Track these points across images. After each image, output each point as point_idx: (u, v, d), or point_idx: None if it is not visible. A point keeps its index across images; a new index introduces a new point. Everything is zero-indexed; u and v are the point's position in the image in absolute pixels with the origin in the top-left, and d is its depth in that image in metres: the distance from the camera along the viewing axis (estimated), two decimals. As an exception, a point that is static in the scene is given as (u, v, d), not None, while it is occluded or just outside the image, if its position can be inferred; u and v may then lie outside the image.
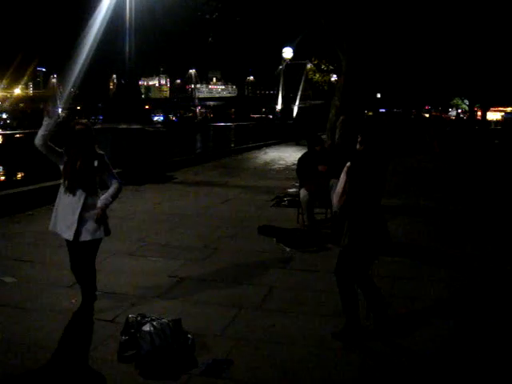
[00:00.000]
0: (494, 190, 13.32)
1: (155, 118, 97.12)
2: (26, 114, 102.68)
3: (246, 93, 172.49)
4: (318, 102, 58.67)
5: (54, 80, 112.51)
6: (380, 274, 6.54)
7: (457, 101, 66.01)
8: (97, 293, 5.35)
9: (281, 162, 20.28)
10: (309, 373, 4.16)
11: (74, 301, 5.47)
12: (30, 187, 11.00)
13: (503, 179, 15.46)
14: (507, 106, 61.08)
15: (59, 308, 5.31)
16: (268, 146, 29.14)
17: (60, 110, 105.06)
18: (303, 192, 8.64)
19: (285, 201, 11.08)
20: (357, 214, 4.74)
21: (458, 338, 4.76)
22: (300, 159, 9.12)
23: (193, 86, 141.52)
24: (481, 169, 17.97)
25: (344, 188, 4.84)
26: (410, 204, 11.41)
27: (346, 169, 4.86)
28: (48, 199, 10.66)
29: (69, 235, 5.02)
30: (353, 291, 4.78)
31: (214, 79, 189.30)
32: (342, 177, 4.89)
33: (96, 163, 5.02)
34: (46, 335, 4.70)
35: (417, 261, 7.17)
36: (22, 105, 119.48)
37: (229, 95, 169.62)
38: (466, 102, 57.05)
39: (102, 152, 5.15)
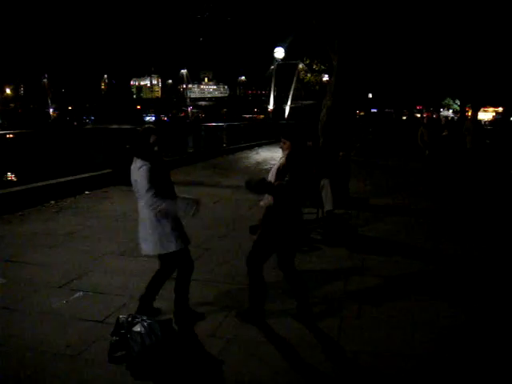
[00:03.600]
0: (484, 190, 13.41)
1: (147, 119, 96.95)
2: (17, 113, 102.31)
3: (237, 93, 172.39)
4: (309, 102, 58.77)
5: (44, 80, 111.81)
6: (381, 273, 6.60)
7: (448, 101, 66.19)
8: (88, 293, 5.30)
9: (272, 162, 20.20)
10: (300, 373, 4.16)
11: (64, 301, 5.46)
12: (21, 188, 10.92)
13: (497, 178, 15.56)
14: (498, 106, 61.33)
15: (49, 309, 5.28)
16: (260, 145, 29.13)
17: (51, 110, 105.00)
18: (292, 190, 8.62)
19: (276, 201, 11.05)
20: (278, 210, 4.90)
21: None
22: None
23: (184, 86, 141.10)
24: (474, 168, 18.03)
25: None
26: (398, 204, 11.44)
27: (277, 167, 5.07)
28: (38, 200, 10.67)
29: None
30: (261, 278, 5.12)
31: (206, 79, 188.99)
32: (273, 172, 5.09)
33: None
34: (36, 336, 4.68)
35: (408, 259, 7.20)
36: (12, 105, 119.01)
37: (220, 95, 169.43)
38: (458, 102, 57.25)
39: None
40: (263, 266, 5.13)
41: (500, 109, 59.97)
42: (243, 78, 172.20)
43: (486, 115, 65.69)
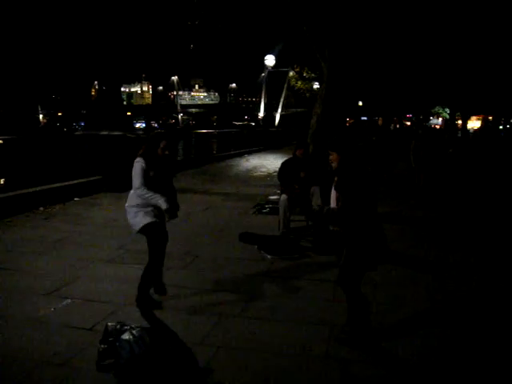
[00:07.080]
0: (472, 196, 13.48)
1: (137, 125, 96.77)
2: (6, 119, 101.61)
3: (228, 100, 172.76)
4: (299, 109, 58.97)
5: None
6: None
7: (438, 109, 66.61)
8: (76, 300, 5.26)
9: (262, 170, 20.28)
10: (290, 381, 4.14)
11: (52, 309, 5.41)
12: (9, 194, 10.84)
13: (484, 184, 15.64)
14: (486, 115, 61.81)
15: (37, 316, 5.23)
16: (250, 153, 29.16)
17: (41, 116, 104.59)
18: (283, 197, 8.64)
19: (266, 208, 11.06)
20: (356, 225, 4.55)
21: (443, 345, 4.78)
22: (283, 164, 9.12)
23: (175, 92, 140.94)
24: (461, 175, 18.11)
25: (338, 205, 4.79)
26: (388, 212, 11.47)
27: (334, 185, 4.78)
28: (27, 206, 10.59)
29: None
30: (362, 297, 4.74)
31: (197, 86, 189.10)
32: (333, 194, 4.87)
33: None
34: (23, 344, 4.62)
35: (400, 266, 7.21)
36: (1, 110, 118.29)
37: (211, 102, 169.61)
38: (447, 110, 57.63)
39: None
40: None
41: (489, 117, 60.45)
42: (234, 85, 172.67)
43: (473, 123, 66.25)
